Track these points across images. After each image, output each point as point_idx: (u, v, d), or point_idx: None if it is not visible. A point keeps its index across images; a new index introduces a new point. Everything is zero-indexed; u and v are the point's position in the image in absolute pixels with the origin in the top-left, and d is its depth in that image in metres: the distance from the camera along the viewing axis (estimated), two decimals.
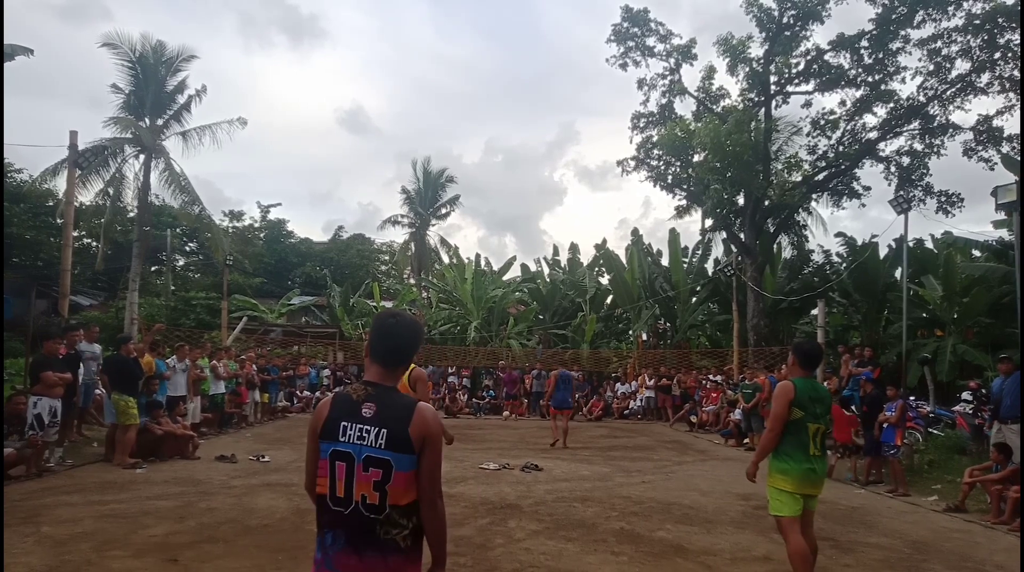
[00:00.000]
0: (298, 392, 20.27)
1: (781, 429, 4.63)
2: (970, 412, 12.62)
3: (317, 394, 20.63)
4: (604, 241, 29.57)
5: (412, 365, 4.98)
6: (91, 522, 6.34)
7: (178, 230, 33.93)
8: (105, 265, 26.10)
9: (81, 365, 10.27)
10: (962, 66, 18.94)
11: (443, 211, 41.30)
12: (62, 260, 12.67)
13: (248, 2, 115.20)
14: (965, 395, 13.30)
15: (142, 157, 21.12)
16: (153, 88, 21.11)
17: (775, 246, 23.39)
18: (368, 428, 2.27)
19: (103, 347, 12.24)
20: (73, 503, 7.12)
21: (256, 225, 44.57)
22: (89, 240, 30.48)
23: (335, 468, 2.27)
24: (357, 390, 2.39)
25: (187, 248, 39.22)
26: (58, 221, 25.63)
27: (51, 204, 28.07)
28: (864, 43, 19.70)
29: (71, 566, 5.05)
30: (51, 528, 6.10)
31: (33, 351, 10.99)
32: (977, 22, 17.83)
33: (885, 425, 9.79)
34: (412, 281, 39.22)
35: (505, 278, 30.91)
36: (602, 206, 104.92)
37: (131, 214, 24.37)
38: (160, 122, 21.55)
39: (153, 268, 34.57)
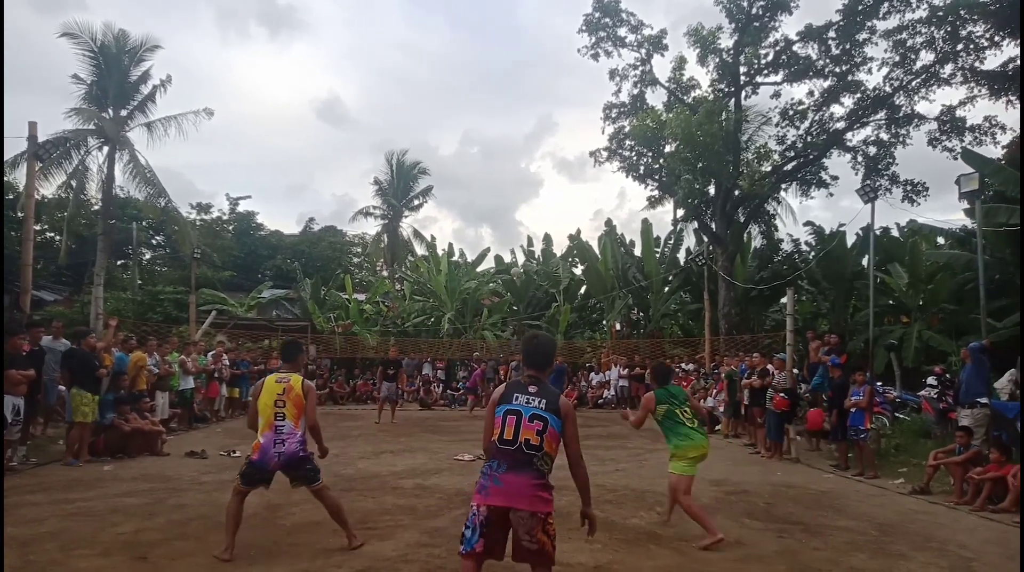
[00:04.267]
0: None
1: (645, 416, 6.47)
2: (935, 397, 12.92)
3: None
4: (578, 231, 29.61)
5: (299, 377, 5.48)
6: (56, 521, 6.21)
7: (144, 223, 33.21)
8: (69, 259, 25.54)
9: (45, 362, 10.03)
10: (926, 57, 19.27)
11: (416, 203, 41.07)
12: (23, 254, 12.33)
13: None
14: (930, 380, 13.60)
15: (106, 149, 20.68)
16: (116, 78, 20.68)
17: (745, 235, 23.64)
18: (532, 397, 3.53)
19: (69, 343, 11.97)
20: (38, 502, 6.96)
21: (225, 218, 43.87)
22: (52, 234, 29.75)
23: (506, 420, 3.49)
24: (524, 379, 3.64)
25: (154, 241, 38.44)
26: (19, 214, 24.99)
27: (11, 197, 27.33)
28: (832, 34, 19.92)
29: (36, 567, 4.93)
30: (15, 528, 5.94)
31: None
32: (940, 14, 18.12)
33: (853, 409, 9.97)
34: (385, 273, 38.96)
35: (479, 269, 30.83)
36: (578, 197, 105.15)
37: (95, 207, 23.85)
38: (124, 113, 21.13)
39: (119, 262, 33.89)
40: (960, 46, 18.38)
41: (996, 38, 17.60)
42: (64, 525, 6.08)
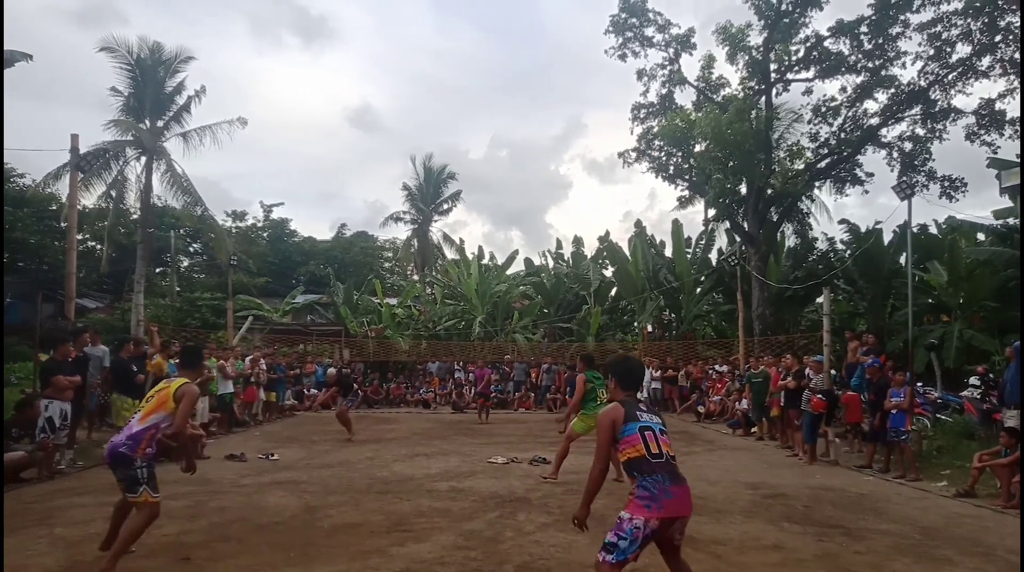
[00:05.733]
0: (305, 390, 20.30)
1: (582, 394, 8.87)
2: (978, 397, 12.59)
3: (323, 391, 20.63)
4: (607, 233, 29.53)
5: (184, 381, 5.19)
6: (103, 523, 6.32)
7: (181, 231, 33.99)
8: (110, 267, 26.20)
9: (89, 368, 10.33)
10: (963, 50, 18.81)
11: (445, 207, 41.29)
12: (67, 264, 12.69)
13: (260, 6, 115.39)
14: (973, 380, 13.26)
15: (143, 159, 21.17)
16: (152, 90, 21.16)
17: (779, 235, 23.32)
18: (651, 415, 3.82)
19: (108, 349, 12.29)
20: (85, 504, 7.15)
21: (259, 225, 44.63)
22: (93, 243, 30.60)
23: (645, 436, 3.66)
24: (628, 401, 3.85)
25: (191, 249, 39.33)
26: (62, 225, 25.73)
27: (55, 208, 28.17)
28: (863, 29, 19.58)
29: (84, 567, 5.07)
30: (64, 529, 6.14)
31: (41, 354, 11.04)
32: (977, 4, 17.69)
33: (894, 411, 9.79)
34: (416, 277, 39.24)
35: (509, 272, 30.89)
36: (607, 199, 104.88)
37: (134, 216, 24.44)
38: (160, 123, 21.59)
39: (158, 270, 34.70)
40: (999, 37, 17.93)
41: None
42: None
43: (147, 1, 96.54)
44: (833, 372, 12.65)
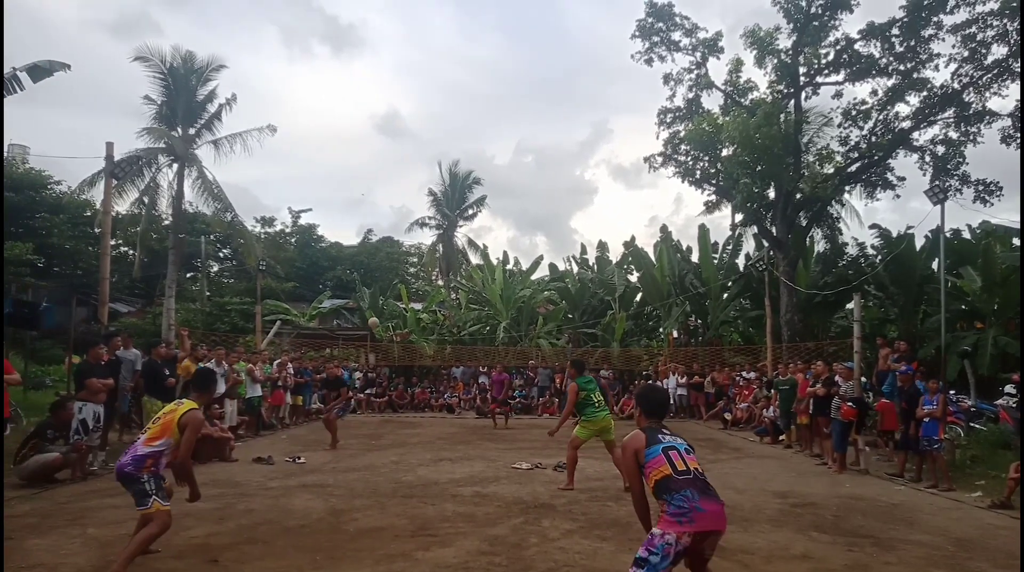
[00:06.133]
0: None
1: (574, 402, 8.88)
2: (1014, 405, 12.30)
3: (351, 395, 20.78)
4: (633, 238, 29.37)
5: (191, 407, 5.24)
6: (133, 524, 6.45)
7: (212, 237, 34.52)
8: (142, 272, 26.72)
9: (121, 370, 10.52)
10: (998, 51, 18.41)
11: (470, 212, 41.48)
12: (100, 268, 12.98)
13: (291, 15, 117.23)
14: (1008, 388, 12.98)
15: (175, 166, 21.55)
16: (184, 98, 21.55)
17: (808, 240, 22.99)
18: (673, 437, 3.90)
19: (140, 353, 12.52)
20: (117, 505, 7.27)
21: (287, 230, 45.18)
22: (126, 248, 31.20)
23: (670, 455, 3.72)
24: (650, 429, 3.93)
25: (221, 254, 39.93)
26: (96, 231, 26.28)
27: (89, 214, 28.82)
28: (895, 31, 19.26)
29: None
30: (96, 530, 6.26)
31: (74, 357, 11.28)
32: (1014, 5, 17.32)
33: (927, 420, 9.60)
34: (440, 282, 39.41)
35: (533, 277, 30.89)
36: (633, 204, 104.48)
37: (166, 222, 24.88)
38: (192, 131, 21.97)
39: (188, 274, 35.28)
40: None
41: None
42: None
43: (181, 12, 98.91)
44: (863, 380, 12.45)
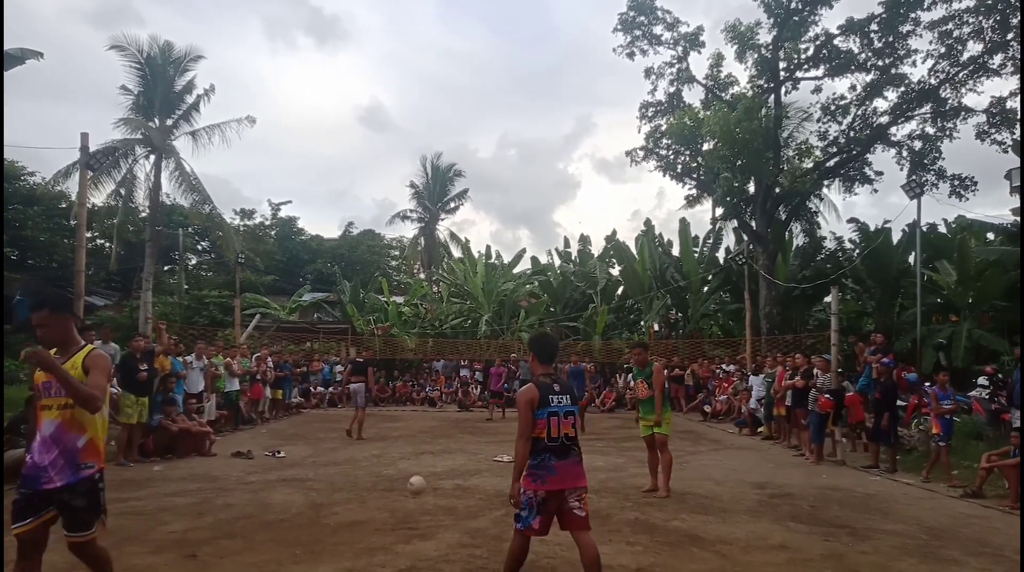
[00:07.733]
0: (312, 388, 20.37)
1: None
2: (986, 397, 12.52)
3: (331, 390, 20.71)
4: (614, 232, 29.48)
5: (90, 347, 4.01)
6: (110, 520, 6.36)
7: (190, 229, 34.10)
8: (118, 265, 26.31)
9: None
10: (974, 48, 18.70)
11: (452, 205, 41.34)
12: (76, 261, 12.74)
13: (275, 7, 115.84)
14: (981, 380, 13.20)
15: (152, 157, 21.25)
16: (162, 88, 21.24)
17: (787, 233, 23.21)
18: (561, 396, 4.29)
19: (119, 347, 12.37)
20: None
21: (267, 223, 44.76)
22: (102, 241, 30.71)
23: (550, 421, 4.21)
24: (544, 378, 4.33)
25: (199, 247, 39.44)
26: (71, 223, 25.84)
27: (64, 206, 28.29)
28: (874, 27, 19.48)
29: None
30: None
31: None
32: (989, 2, 17.57)
33: (948, 416, 9.65)
34: (422, 276, 39.28)
35: (516, 271, 30.88)
36: (616, 198, 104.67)
37: (143, 214, 24.54)
38: (169, 122, 21.66)
39: (166, 267, 34.80)
40: (1011, 35, 17.79)
41: None
42: (117, 524, 6.24)
43: (165, 2, 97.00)
44: (840, 371, 12.59)
